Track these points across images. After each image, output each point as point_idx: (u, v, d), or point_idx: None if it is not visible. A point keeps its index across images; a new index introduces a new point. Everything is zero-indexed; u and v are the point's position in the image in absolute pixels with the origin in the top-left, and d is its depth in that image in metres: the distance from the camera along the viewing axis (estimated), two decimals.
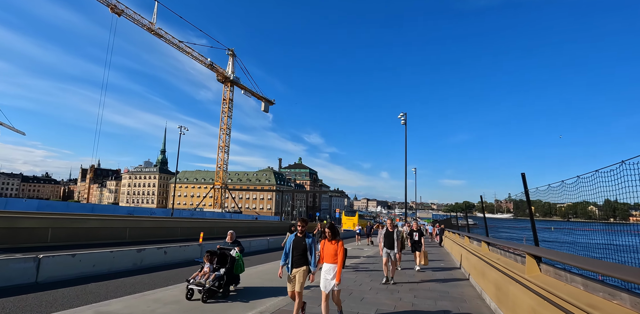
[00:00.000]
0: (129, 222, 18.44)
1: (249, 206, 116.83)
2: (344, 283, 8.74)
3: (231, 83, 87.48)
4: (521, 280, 4.84)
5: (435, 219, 55.40)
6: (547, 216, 6.27)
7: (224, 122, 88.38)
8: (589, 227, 4.02)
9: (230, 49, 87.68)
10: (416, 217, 76.26)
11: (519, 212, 7.47)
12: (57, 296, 7.19)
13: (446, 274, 11.10)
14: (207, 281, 6.80)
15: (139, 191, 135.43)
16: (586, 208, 4.44)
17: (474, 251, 9.61)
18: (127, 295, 7.34)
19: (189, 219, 28.36)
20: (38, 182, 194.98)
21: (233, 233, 8.31)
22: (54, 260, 8.36)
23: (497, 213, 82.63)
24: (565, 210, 5.13)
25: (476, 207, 16.23)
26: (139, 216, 22.61)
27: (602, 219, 4.06)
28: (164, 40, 72.16)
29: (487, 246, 8.52)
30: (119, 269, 10.16)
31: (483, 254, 8.22)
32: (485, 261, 7.66)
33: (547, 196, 4.79)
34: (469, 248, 11.06)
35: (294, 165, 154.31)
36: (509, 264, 5.86)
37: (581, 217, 4.50)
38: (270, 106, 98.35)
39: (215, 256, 7.44)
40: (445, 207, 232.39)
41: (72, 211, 30.35)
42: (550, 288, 3.91)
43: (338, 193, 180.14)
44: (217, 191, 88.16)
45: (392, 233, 9.17)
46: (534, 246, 5.02)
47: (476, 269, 8.52)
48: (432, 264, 13.59)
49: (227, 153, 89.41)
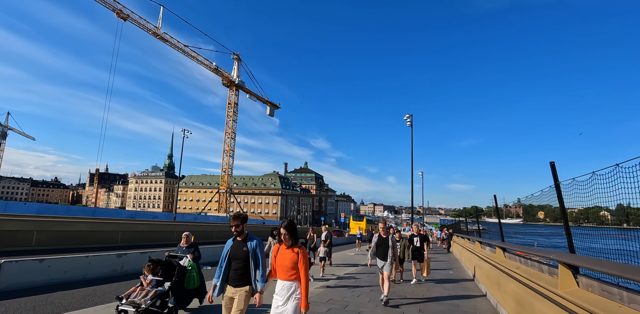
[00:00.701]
0: (121, 225, 17.68)
1: (255, 210, 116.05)
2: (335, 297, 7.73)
3: (236, 87, 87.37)
4: (552, 296, 3.84)
5: (443, 224, 53.95)
6: (557, 221, 5.73)
7: (229, 126, 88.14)
8: (604, 233, 3.81)
9: (236, 53, 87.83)
10: (423, 222, 74.60)
11: (528, 217, 7.16)
12: (11, 307, 6.34)
13: (455, 284, 10.04)
14: (143, 300, 5.07)
15: (145, 196, 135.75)
16: (598, 213, 4.24)
17: (487, 258, 8.56)
18: (95, 305, 6.47)
19: (188, 222, 27.59)
20: (47, 187, 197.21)
21: (189, 235, 6.77)
22: (17, 266, 7.54)
23: (507, 218, 77.59)
24: (577, 215, 4.84)
25: (485, 212, 15.07)
26: (134, 219, 21.92)
27: (615, 225, 3.91)
28: (169, 44, 72.45)
29: (503, 252, 7.48)
30: (96, 275, 9.31)
31: (498, 262, 7.18)
32: (501, 270, 6.64)
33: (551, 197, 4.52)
34: (481, 254, 9.99)
35: (299, 169, 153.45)
36: (533, 275, 4.84)
37: (593, 223, 4.32)
38: (275, 110, 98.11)
39: (159, 266, 5.70)
40: (453, 212, 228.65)
41: (72, 215, 29.85)
42: (596, 309, 2.92)
43: (344, 198, 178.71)
44: (222, 196, 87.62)
45: (387, 240, 7.16)
46: (570, 254, 4.02)
47: (490, 278, 7.49)
48: (439, 273, 12.50)
49: (232, 157, 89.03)
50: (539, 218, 6.79)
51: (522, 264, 5.99)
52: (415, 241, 10.41)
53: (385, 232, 7.28)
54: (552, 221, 6.12)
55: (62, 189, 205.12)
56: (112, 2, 61.26)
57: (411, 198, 29.11)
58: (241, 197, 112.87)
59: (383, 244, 7.16)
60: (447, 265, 14.99)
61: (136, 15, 65.09)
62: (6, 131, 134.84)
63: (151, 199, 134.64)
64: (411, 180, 29.48)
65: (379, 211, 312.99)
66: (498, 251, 7.55)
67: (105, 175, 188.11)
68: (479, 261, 9.61)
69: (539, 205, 6.01)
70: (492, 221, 11.10)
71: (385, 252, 7.08)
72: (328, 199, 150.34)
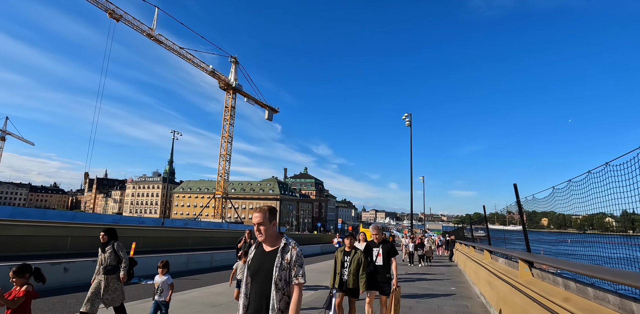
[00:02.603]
0: (72, 229, 15.39)
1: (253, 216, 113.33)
2: None
3: (234, 90, 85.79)
4: None
5: (445, 231, 51.55)
6: (561, 228, 5.83)
7: (225, 130, 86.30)
8: (609, 240, 3.60)
9: (233, 56, 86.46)
10: (425, 228, 71.83)
11: (531, 224, 6.94)
12: None
13: (459, 306, 7.67)
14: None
15: (142, 201, 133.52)
16: (603, 220, 4.06)
17: (502, 275, 6.19)
18: None
19: (163, 227, 25.26)
20: (46, 192, 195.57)
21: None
22: None
23: (510, 225, 75.33)
24: (581, 222, 4.78)
25: (487, 218, 12.86)
26: (87, 223, 19.64)
27: (620, 231, 3.69)
28: (164, 46, 71.07)
29: (529, 268, 5.11)
30: None
31: (522, 284, 4.82)
32: (526, 295, 4.32)
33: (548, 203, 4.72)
34: (492, 267, 7.60)
35: (299, 175, 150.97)
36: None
37: (598, 230, 4.21)
38: (274, 114, 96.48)
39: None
40: (456, 219, 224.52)
41: (48, 219, 27.67)
42: None
43: (345, 204, 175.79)
44: (218, 201, 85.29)
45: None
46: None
47: (507, 303, 5.16)
48: (438, 287, 10.11)
49: (228, 162, 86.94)
50: (543, 225, 6.72)
51: (572, 292, 3.60)
52: (376, 255, 5.39)
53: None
54: (556, 228, 6.07)
55: (60, 195, 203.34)
56: (105, 2, 60.00)
57: (410, 199, 26.73)
58: (238, 202, 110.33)
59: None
60: (448, 275, 12.58)
61: (129, 15, 63.84)
62: (4, 136, 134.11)
63: (148, 205, 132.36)
64: (410, 181, 27.19)
65: (380, 217, 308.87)
66: (523, 266, 5.14)
67: (104, 180, 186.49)
68: (489, 277, 7.23)
69: (542, 212, 5.98)
70: (495, 228, 10.24)
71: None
72: (328, 205, 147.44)
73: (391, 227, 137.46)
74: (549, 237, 6.03)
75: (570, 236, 5.07)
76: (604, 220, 4.01)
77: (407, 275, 13.08)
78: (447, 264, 18.74)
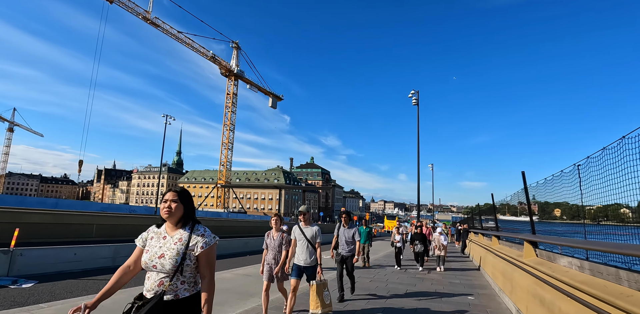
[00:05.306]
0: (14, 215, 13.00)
1: (257, 206, 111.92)
2: None
3: (235, 77, 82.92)
4: None
5: (455, 221, 48.77)
6: (575, 219, 5.31)
7: (227, 117, 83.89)
8: (625, 231, 3.46)
9: (235, 42, 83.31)
10: (434, 219, 68.88)
11: (544, 215, 6.59)
12: None
13: None
14: None
15: (148, 191, 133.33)
16: (618, 210, 3.87)
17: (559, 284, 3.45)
18: None
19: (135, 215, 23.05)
20: (57, 183, 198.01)
21: None
22: None
23: (521, 216, 72.21)
24: (595, 213, 4.42)
25: (499, 208, 10.27)
26: (37, 208, 17.39)
27: (637, 222, 3.44)
28: (161, 30, 68.30)
29: None
30: None
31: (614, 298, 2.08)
32: None
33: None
34: (535, 267, 4.82)
35: (305, 165, 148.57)
36: None
37: (613, 221, 4.01)
38: (278, 102, 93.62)
39: None
40: (466, 210, 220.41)
41: (44, 207, 25.78)
42: None
43: (352, 194, 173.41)
44: (221, 190, 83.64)
45: None
46: None
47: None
48: (453, 289, 7.44)
49: (231, 150, 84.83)
50: (555, 216, 6.35)
51: None
52: None
53: None
54: (569, 219, 5.78)
55: (71, 186, 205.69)
56: None
57: (417, 184, 23.89)
58: (243, 192, 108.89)
59: None
60: (463, 277, 9.78)
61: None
62: (13, 127, 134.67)
63: (154, 195, 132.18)
64: (417, 169, 24.33)
65: (389, 208, 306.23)
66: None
67: (112, 171, 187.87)
68: (533, 285, 4.48)
69: (555, 202, 5.80)
70: (506, 219, 9.61)
71: None
72: (335, 195, 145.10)
73: (400, 218, 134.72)
74: (560, 228, 5.76)
75: (585, 227, 4.54)
76: (619, 211, 3.88)
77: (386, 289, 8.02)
78: (459, 259, 15.96)
